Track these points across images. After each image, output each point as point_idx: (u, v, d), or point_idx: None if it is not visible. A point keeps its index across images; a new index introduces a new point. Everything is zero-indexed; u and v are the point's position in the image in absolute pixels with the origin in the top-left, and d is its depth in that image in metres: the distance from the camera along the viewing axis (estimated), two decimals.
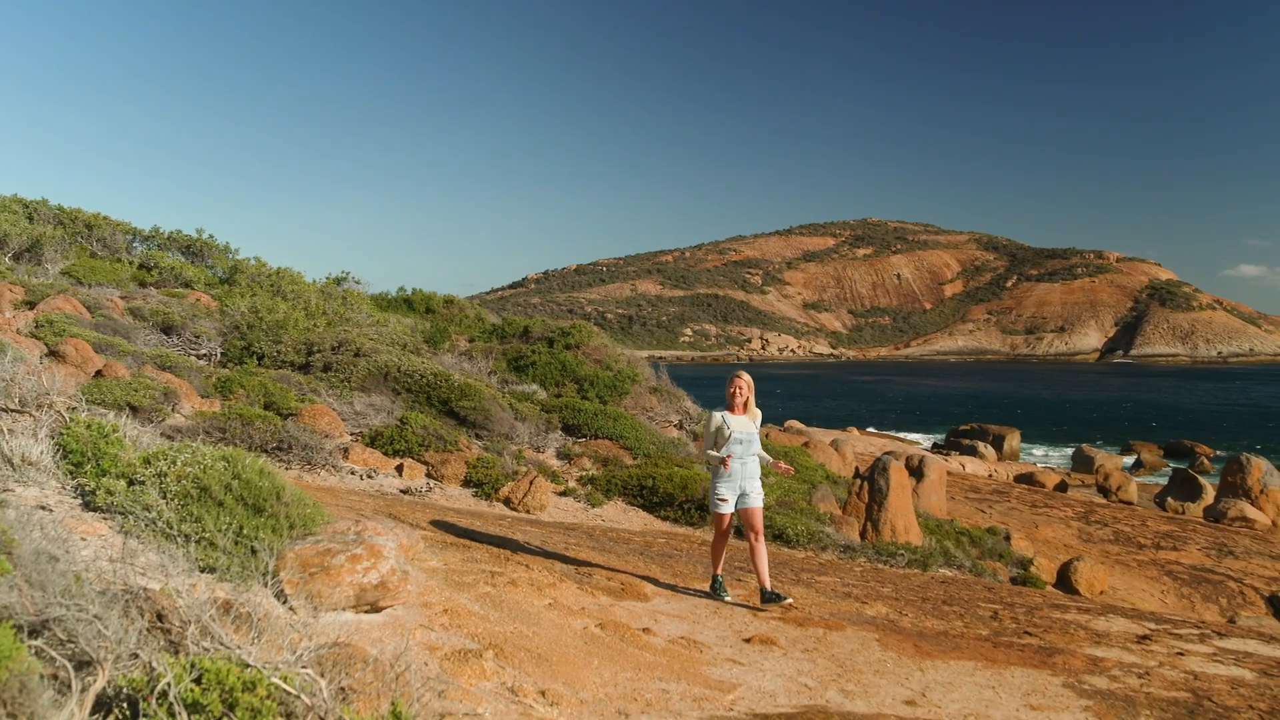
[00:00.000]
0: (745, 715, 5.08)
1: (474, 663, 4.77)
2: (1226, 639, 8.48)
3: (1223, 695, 6.20)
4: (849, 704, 5.49)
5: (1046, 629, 8.25)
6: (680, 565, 9.61)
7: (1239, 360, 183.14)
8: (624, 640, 6.14)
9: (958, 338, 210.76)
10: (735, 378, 8.21)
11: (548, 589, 6.88)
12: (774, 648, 6.61)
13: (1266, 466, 29.27)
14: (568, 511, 13.34)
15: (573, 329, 20.99)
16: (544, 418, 16.30)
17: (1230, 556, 20.94)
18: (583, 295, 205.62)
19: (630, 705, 4.96)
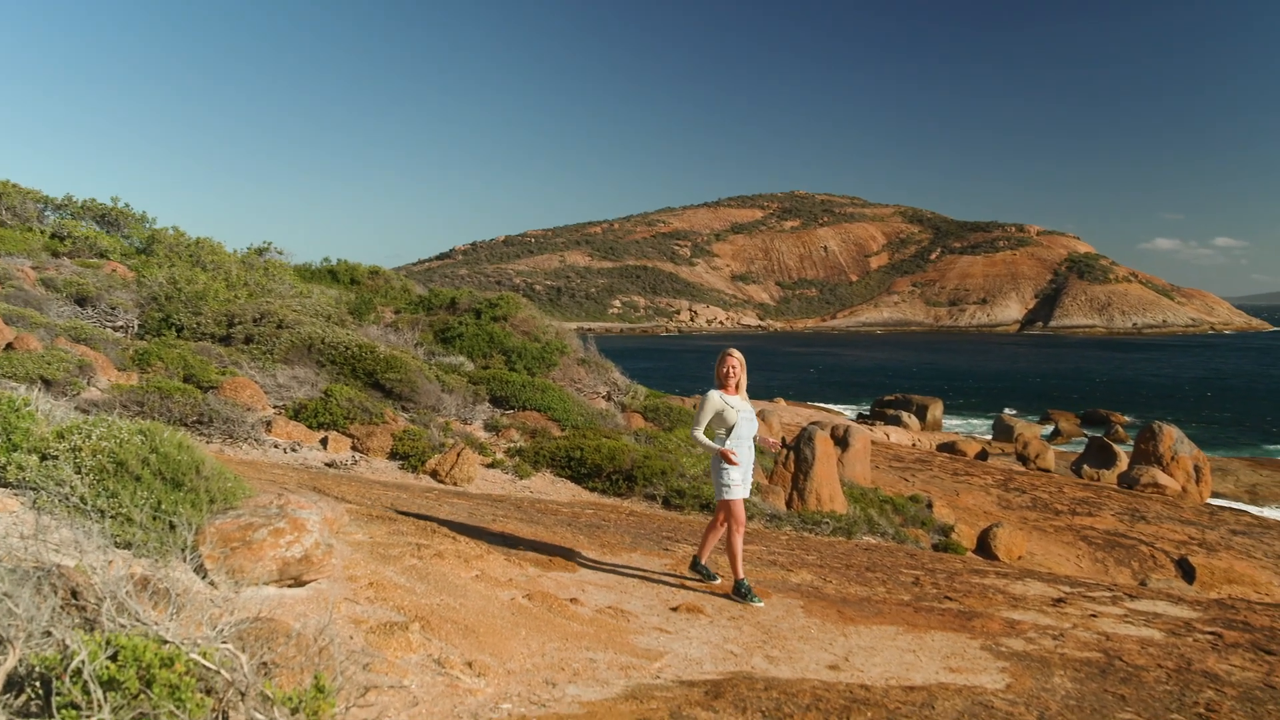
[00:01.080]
0: (672, 682, 5.13)
1: (400, 635, 4.75)
2: (1137, 601, 8.75)
3: (1133, 655, 6.41)
4: (774, 670, 5.57)
5: (966, 594, 8.44)
6: (608, 536, 9.64)
7: (1153, 331, 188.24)
8: (551, 611, 6.16)
9: (883, 309, 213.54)
10: (727, 355, 7.54)
11: (475, 561, 6.87)
12: (700, 616, 6.68)
13: (1177, 434, 30.19)
14: (495, 483, 13.30)
15: (500, 300, 20.86)
16: (471, 390, 16.20)
17: (1142, 521, 21.60)
18: (511, 267, 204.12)
19: (558, 675, 4.98)
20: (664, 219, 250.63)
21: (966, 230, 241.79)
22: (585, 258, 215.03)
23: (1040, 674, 5.79)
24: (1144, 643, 6.82)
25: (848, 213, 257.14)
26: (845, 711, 4.75)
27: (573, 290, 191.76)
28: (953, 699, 5.11)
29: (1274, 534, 21.88)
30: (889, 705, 4.91)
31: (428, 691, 4.32)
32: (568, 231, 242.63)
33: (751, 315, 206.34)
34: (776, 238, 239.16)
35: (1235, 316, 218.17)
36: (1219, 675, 5.98)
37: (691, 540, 10.22)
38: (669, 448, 15.78)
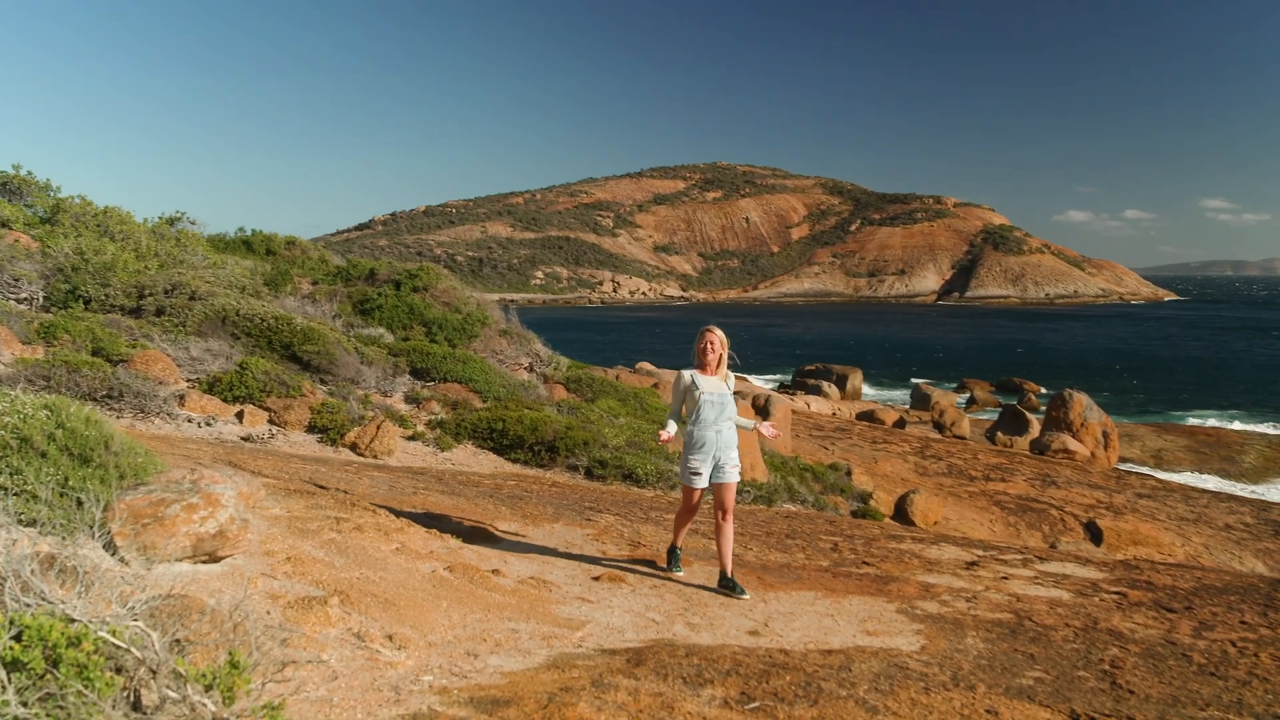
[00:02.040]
0: (594, 651, 5.15)
1: (318, 610, 4.70)
2: (1047, 563, 9.01)
3: (1042, 615, 6.60)
4: (695, 636, 5.63)
5: (883, 559, 8.61)
6: (531, 507, 9.63)
7: (1064, 301, 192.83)
8: (473, 582, 6.14)
9: (804, 280, 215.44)
10: (706, 332, 7.07)
11: (395, 533, 6.81)
12: (623, 585, 6.72)
13: (1087, 401, 31.05)
14: (416, 456, 13.20)
15: (420, 271, 20.62)
16: (391, 361, 16.01)
17: (1053, 486, 22.21)
18: (432, 237, 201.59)
19: (479, 646, 4.98)
20: (586, 189, 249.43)
21: (886, 202, 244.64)
22: (507, 228, 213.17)
23: (954, 635, 5.93)
24: (1053, 603, 7.03)
25: (769, 184, 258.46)
26: (765, 676, 4.82)
27: (495, 261, 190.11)
28: (869, 661, 5.22)
29: (1177, 497, 22.67)
30: (807, 669, 5.00)
31: (347, 665, 4.29)
32: (489, 202, 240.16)
33: (674, 286, 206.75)
34: (699, 209, 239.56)
35: (1143, 287, 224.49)
36: (1123, 633, 6.19)
37: (614, 510, 10.26)
38: (591, 419, 15.79)
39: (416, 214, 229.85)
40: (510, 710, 4.05)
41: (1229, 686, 5.09)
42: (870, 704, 4.50)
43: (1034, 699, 4.71)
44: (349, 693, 4.01)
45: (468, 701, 4.12)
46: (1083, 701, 4.71)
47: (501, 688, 4.35)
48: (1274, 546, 18.47)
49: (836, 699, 4.54)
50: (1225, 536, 18.94)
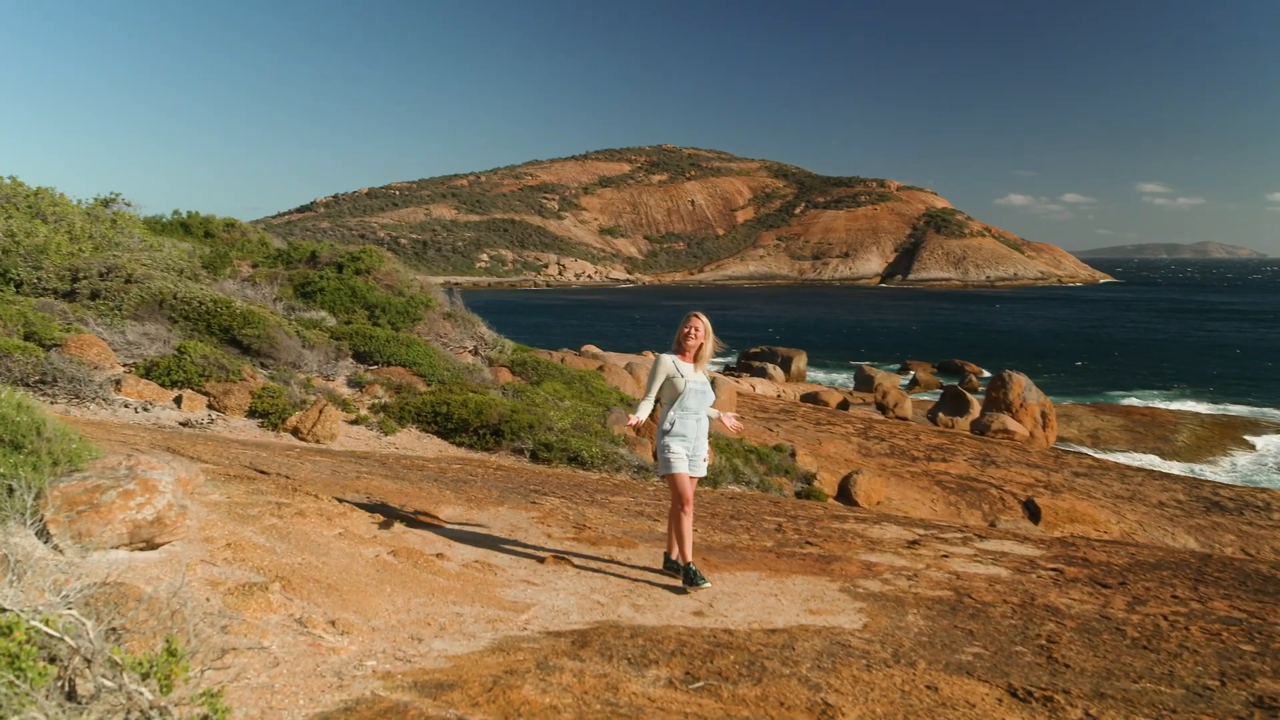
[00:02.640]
0: (539, 634, 5.16)
1: (259, 596, 4.65)
2: (986, 541, 9.16)
3: (981, 592, 6.72)
4: (639, 618, 5.65)
5: (826, 539, 8.70)
6: (475, 490, 9.60)
7: (1004, 284, 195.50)
8: (417, 566, 6.11)
9: (749, 263, 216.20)
10: (692, 317, 6.75)
11: (338, 518, 6.76)
12: (568, 567, 6.72)
13: (1026, 382, 31.56)
14: (360, 440, 13.09)
15: (363, 254, 20.40)
16: (333, 345, 15.84)
17: (993, 466, 22.57)
18: (375, 220, 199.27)
19: (424, 630, 4.96)
20: (531, 172, 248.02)
21: (830, 185, 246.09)
22: (451, 211, 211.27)
23: (895, 613, 6.01)
24: (992, 580, 7.15)
25: (714, 167, 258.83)
26: (709, 655, 4.85)
27: (439, 244, 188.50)
28: (812, 640, 5.27)
29: (1113, 475, 23.15)
30: (751, 648, 5.04)
31: (289, 652, 4.25)
32: (433, 184, 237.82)
33: (620, 269, 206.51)
34: (644, 192, 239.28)
35: (1081, 270, 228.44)
36: (1060, 609, 6.31)
37: (559, 493, 10.26)
38: (536, 402, 15.76)
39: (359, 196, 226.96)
40: (455, 694, 4.04)
41: (1161, 659, 5.22)
42: (813, 682, 4.55)
43: (973, 674, 4.79)
44: (291, 679, 3.97)
45: (412, 686, 4.10)
46: (1020, 676, 4.80)
47: (446, 671, 4.34)
48: (1205, 523, 18.94)
49: (780, 677, 4.59)
50: (1159, 513, 19.38)
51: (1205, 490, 22.07)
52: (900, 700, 4.36)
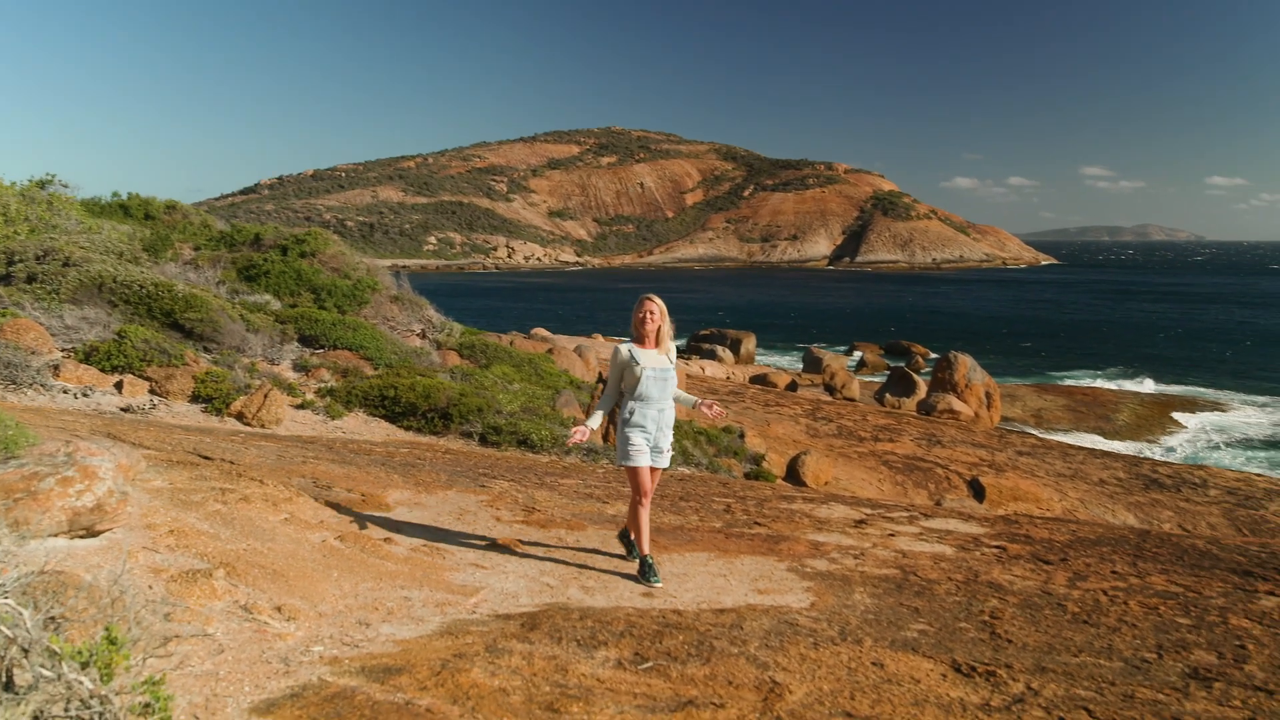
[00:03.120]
0: (488, 616, 5.15)
1: (203, 583, 4.60)
2: (932, 520, 9.28)
3: (926, 570, 6.81)
4: (589, 600, 5.66)
5: (774, 519, 8.76)
6: (424, 474, 9.55)
7: (950, 266, 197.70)
8: (365, 551, 6.07)
9: (698, 245, 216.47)
10: (645, 300, 6.44)
11: (284, 504, 6.69)
12: (517, 550, 6.71)
13: (971, 363, 31.97)
14: (306, 424, 12.95)
15: (308, 236, 20.15)
16: (278, 329, 15.65)
17: (939, 445, 22.85)
18: (321, 202, 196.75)
19: (371, 615, 4.93)
20: (480, 154, 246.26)
21: (778, 168, 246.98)
22: (399, 193, 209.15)
23: (842, 592, 6.08)
24: (937, 558, 7.25)
25: (664, 149, 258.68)
26: (658, 636, 4.88)
27: (386, 226, 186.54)
28: (760, 619, 5.32)
29: (1055, 454, 23.54)
30: (700, 628, 5.07)
31: (234, 638, 4.21)
32: (380, 166, 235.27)
33: (569, 252, 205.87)
34: (594, 174, 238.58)
35: (1025, 252, 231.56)
36: (1003, 585, 6.42)
37: (508, 476, 10.23)
38: (485, 385, 15.69)
39: (304, 178, 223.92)
40: (403, 678, 4.02)
41: (1100, 633, 5.33)
42: (761, 660, 4.59)
43: (918, 651, 4.86)
44: (236, 666, 3.93)
45: (359, 671, 4.08)
46: (964, 652, 4.88)
47: (394, 656, 4.32)
48: (1144, 500, 19.33)
49: (728, 656, 4.62)
50: (1099, 491, 19.75)
51: (1144, 468, 22.53)
52: (847, 677, 4.41)
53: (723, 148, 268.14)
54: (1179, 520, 18.12)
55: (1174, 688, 4.44)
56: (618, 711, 3.87)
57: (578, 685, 4.13)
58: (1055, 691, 4.33)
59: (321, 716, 3.55)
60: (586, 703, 3.93)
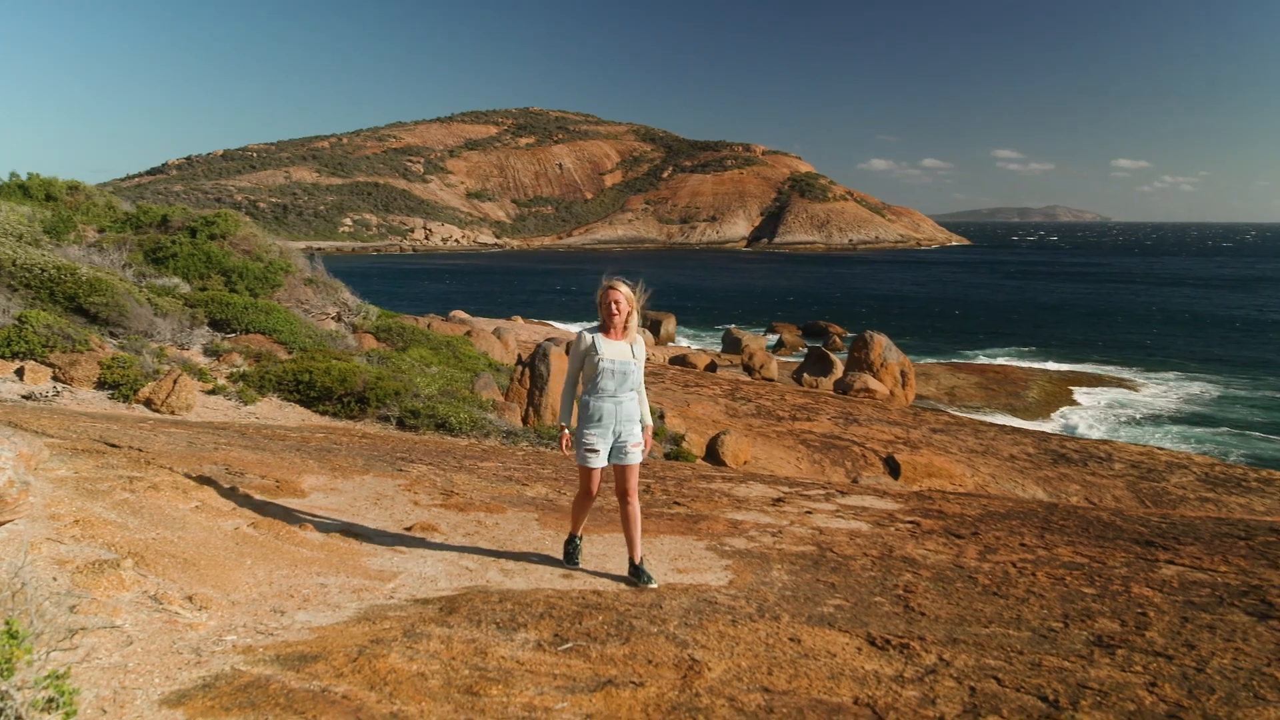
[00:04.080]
0: (406, 602, 5.11)
1: (111, 573, 4.49)
2: (848, 497, 9.43)
3: (842, 546, 6.91)
4: (509, 582, 5.65)
5: (694, 498, 8.82)
6: (340, 459, 9.42)
7: (866, 247, 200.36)
8: (279, 538, 5.98)
9: (618, 227, 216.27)
10: (610, 289, 5.99)
11: (194, 491, 6.55)
12: (435, 534, 6.67)
13: (886, 342, 32.49)
14: (218, 410, 12.69)
15: (218, 218, 19.68)
16: (188, 313, 15.28)
17: (855, 424, 23.20)
18: (232, 183, 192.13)
19: (286, 602, 4.86)
20: (395, 134, 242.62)
21: (697, 149, 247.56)
22: (313, 174, 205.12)
23: (760, 569, 6.15)
24: (852, 534, 7.36)
25: (582, 130, 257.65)
26: (578, 617, 4.89)
27: (300, 208, 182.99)
28: (679, 598, 5.35)
29: (968, 431, 24.06)
30: (620, 608, 5.09)
31: (143, 629, 4.12)
32: (293, 146, 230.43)
33: (488, 233, 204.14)
34: (512, 155, 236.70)
35: (938, 233, 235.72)
36: (916, 559, 6.55)
37: (427, 460, 10.14)
38: (403, 368, 15.52)
39: (214, 158, 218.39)
40: (319, 665, 3.97)
41: (1009, 604, 5.47)
42: (680, 638, 4.62)
43: (834, 625, 4.94)
44: (146, 657, 3.85)
45: (274, 659, 4.02)
46: (878, 625, 4.97)
47: (310, 643, 4.27)
48: (1053, 474, 19.87)
49: (647, 635, 4.65)
50: (1010, 466, 20.25)
51: (1053, 443, 23.15)
52: (764, 653, 4.46)
53: (641, 129, 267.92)
54: (1085, 494, 18.66)
55: (1079, 655, 4.57)
56: (537, 693, 3.87)
57: (497, 668, 4.12)
58: (966, 662, 4.43)
59: (234, 707, 3.49)
60: (506, 685, 3.92)
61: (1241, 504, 17.80)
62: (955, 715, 3.82)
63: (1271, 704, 3.98)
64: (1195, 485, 19.27)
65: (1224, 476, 20.08)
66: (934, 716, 3.80)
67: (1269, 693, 4.11)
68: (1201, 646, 4.71)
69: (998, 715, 3.83)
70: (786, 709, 3.84)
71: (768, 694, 3.98)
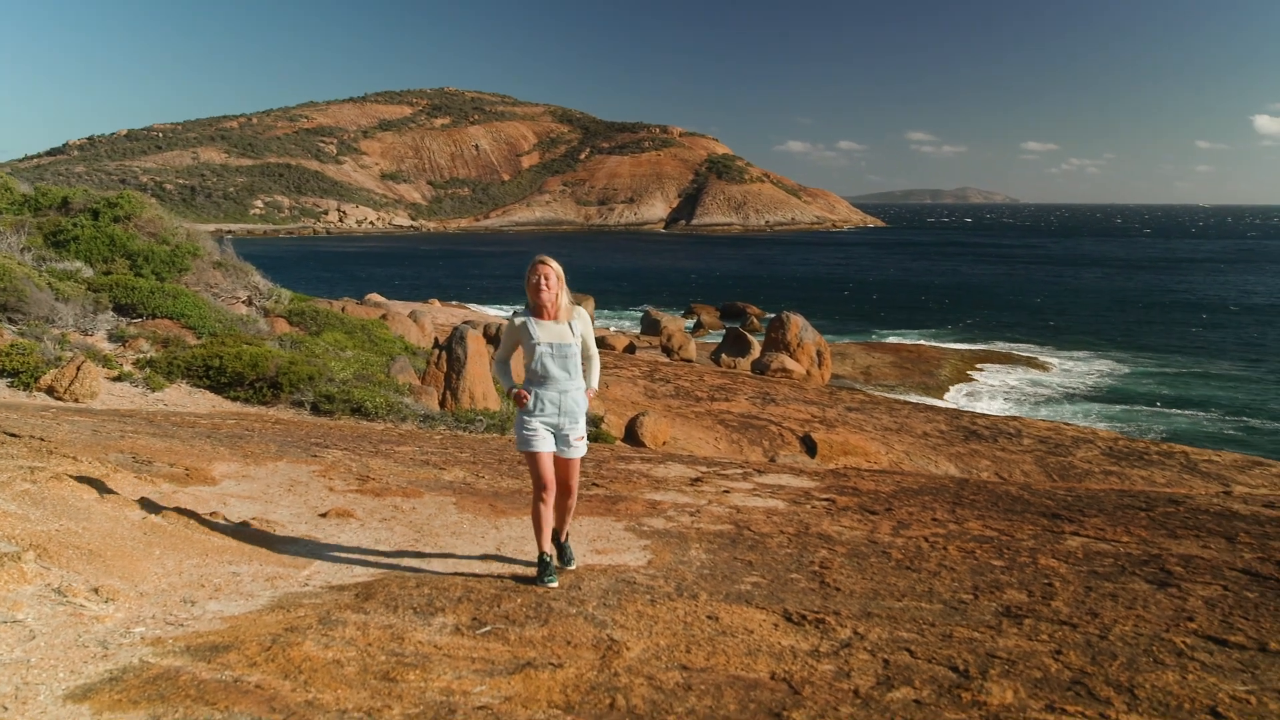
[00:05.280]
0: (321, 588, 5.04)
1: (11, 566, 4.35)
2: (765, 475, 9.52)
3: (760, 524, 6.99)
4: (426, 567, 5.61)
5: (613, 479, 8.84)
6: (252, 446, 9.24)
7: (783, 228, 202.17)
8: (189, 527, 5.85)
9: (535, 209, 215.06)
10: (538, 264, 5.51)
11: (100, 481, 6.37)
12: (351, 520, 6.58)
13: (802, 323, 32.85)
14: (124, 398, 12.36)
15: (121, 199, 19.11)
16: (91, 298, 14.83)
17: (773, 404, 23.44)
18: (137, 164, 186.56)
19: (198, 592, 4.76)
20: (307, 114, 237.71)
21: (614, 131, 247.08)
22: (221, 155, 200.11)
23: (678, 548, 6.18)
24: (769, 512, 7.45)
25: (499, 111, 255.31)
26: (496, 600, 4.87)
27: (209, 189, 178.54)
28: (598, 578, 5.36)
29: (882, 409, 24.47)
30: (538, 590, 5.09)
31: (47, 623, 4.00)
32: (200, 125, 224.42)
33: (404, 215, 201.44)
34: (427, 136, 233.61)
35: (853, 214, 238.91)
36: (832, 536, 6.64)
37: (342, 445, 10.01)
38: (316, 353, 15.27)
39: (118, 138, 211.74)
40: (231, 655, 3.91)
41: (922, 578, 5.58)
42: (599, 619, 4.64)
43: (751, 603, 5.00)
44: (49, 652, 3.75)
45: (184, 650, 3.94)
46: (795, 601, 5.04)
47: (222, 633, 4.19)
48: (965, 450, 20.32)
49: (566, 617, 4.65)
50: (923, 443, 20.65)
51: (965, 420, 23.66)
52: (683, 631, 4.50)
53: (558, 110, 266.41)
54: (996, 469, 19.12)
55: (988, 626, 4.69)
56: (455, 677, 3.85)
57: (414, 653, 4.09)
58: (880, 635, 4.52)
59: (143, 700, 3.42)
60: (424, 670, 3.90)
61: (1143, 476, 18.39)
62: (869, 687, 3.89)
63: (1169, 667, 4.13)
64: (1100, 459, 19.85)
65: (1127, 450, 20.72)
66: (849, 689, 3.87)
67: (1167, 657, 4.26)
68: (1104, 614, 4.87)
69: (910, 686, 3.91)
70: (705, 686, 3.87)
71: (686, 671, 4.02)
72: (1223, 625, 4.72)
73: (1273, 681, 4.00)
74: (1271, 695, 3.86)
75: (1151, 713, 3.69)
